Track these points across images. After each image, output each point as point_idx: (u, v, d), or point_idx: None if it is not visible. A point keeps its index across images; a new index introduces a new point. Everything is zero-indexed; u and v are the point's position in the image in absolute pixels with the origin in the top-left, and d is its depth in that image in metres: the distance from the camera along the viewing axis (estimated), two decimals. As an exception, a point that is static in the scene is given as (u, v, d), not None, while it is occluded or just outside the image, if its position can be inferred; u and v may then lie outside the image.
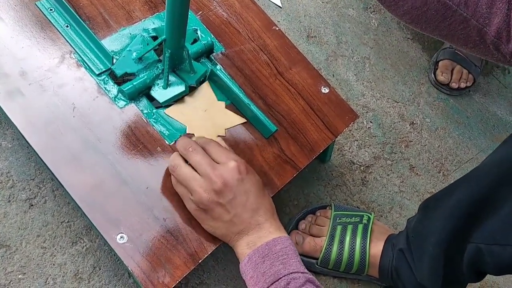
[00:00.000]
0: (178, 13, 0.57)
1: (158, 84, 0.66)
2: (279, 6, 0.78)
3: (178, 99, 0.68)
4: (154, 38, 0.70)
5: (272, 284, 0.53)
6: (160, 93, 0.66)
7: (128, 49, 0.68)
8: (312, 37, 1.02)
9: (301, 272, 0.54)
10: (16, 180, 0.74)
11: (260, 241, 0.57)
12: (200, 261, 0.59)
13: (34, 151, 0.60)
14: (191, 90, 0.69)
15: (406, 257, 0.70)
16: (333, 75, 0.99)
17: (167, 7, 0.57)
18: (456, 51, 1.05)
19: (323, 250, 0.75)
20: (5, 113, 0.60)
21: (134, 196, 0.60)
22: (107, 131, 0.63)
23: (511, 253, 0.54)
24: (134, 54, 0.68)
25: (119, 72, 0.67)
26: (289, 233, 0.79)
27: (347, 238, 0.75)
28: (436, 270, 0.65)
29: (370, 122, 0.97)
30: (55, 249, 0.71)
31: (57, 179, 0.59)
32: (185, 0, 0.56)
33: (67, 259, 0.70)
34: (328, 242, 0.75)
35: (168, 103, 0.66)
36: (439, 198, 0.67)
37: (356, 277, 0.79)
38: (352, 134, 0.94)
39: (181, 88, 0.67)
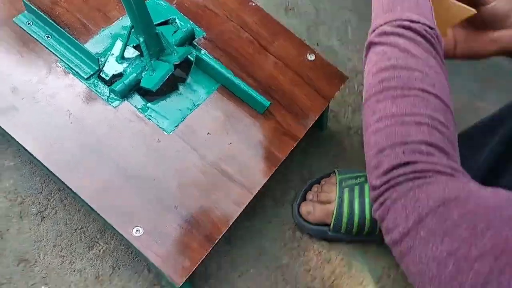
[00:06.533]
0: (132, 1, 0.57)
1: (145, 76, 0.67)
2: None
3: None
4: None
5: (371, 34, 0.47)
6: (148, 81, 0.66)
7: (111, 53, 0.69)
8: (290, 9, 1.03)
9: (407, 21, 0.44)
10: (24, 196, 0.75)
11: None
12: (216, 241, 0.60)
13: (39, 162, 0.61)
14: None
15: None
16: (317, 44, 0.99)
17: None
18: None
19: (334, 214, 0.76)
20: (4, 131, 0.61)
21: (142, 189, 0.61)
22: (106, 131, 0.64)
23: None
24: (116, 53, 0.69)
25: (106, 76, 0.67)
26: (298, 206, 0.80)
27: (356, 199, 0.76)
28: None
29: (361, 84, 0.97)
30: (73, 256, 0.72)
31: (66, 185, 0.60)
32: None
33: (86, 264, 0.72)
34: (338, 206, 0.76)
35: (158, 87, 0.66)
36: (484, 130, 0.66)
37: (370, 238, 0.79)
38: (344, 100, 0.95)
39: (166, 67, 0.67)
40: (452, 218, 0.32)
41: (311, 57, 0.76)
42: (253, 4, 0.79)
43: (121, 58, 0.69)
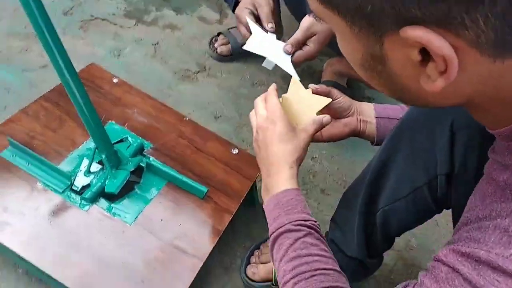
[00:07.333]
0: (95, 129, 0.79)
1: (108, 183, 0.87)
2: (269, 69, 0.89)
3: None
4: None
5: (277, 229, 0.61)
6: (111, 186, 0.86)
7: (79, 169, 0.89)
8: (218, 117, 1.29)
9: (302, 220, 0.60)
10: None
11: (273, 189, 0.65)
12: None
13: (28, 263, 0.77)
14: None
15: (337, 244, 0.86)
16: (243, 141, 1.24)
17: (88, 129, 0.78)
18: None
19: (274, 270, 0.95)
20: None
21: (115, 271, 0.78)
22: (81, 230, 0.82)
23: (402, 205, 0.70)
24: (84, 169, 0.89)
25: (77, 188, 0.87)
26: (245, 269, 0.98)
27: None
28: (361, 242, 0.81)
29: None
30: None
31: (52, 278, 0.76)
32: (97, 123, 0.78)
33: None
34: (275, 263, 0.95)
35: (119, 190, 0.86)
36: (353, 187, 0.85)
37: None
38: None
39: (124, 174, 0.88)
40: None
41: (235, 151, 1.00)
42: (187, 118, 1.04)
43: (88, 172, 0.89)
